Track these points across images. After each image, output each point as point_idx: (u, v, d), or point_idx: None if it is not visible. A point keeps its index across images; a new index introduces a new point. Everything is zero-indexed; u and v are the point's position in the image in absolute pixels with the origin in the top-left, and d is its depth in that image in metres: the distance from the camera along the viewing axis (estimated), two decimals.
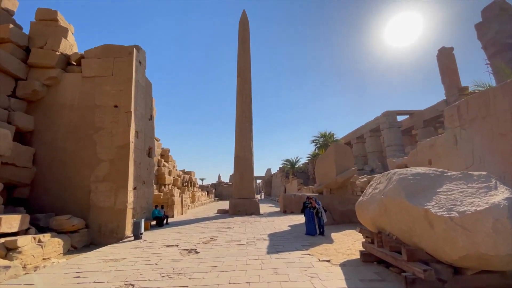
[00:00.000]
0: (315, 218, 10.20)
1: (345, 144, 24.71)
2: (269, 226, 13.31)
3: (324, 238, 9.52)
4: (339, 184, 13.41)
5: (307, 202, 10.74)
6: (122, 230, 11.92)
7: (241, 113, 22.60)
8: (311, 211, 10.34)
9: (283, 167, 50.45)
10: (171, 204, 20.18)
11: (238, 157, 21.90)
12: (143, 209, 14.61)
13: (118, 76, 13.53)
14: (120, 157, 12.62)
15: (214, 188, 60.49)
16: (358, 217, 7.52)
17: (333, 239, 9.41)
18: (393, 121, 40.33)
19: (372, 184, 7.31)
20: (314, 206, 10.31)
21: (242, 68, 23.53)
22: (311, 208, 10.39)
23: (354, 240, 9.05)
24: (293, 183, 35.05)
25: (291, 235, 10.31)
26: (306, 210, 10.58)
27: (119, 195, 12.25)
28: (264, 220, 16.30)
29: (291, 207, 20.73)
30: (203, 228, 13.41)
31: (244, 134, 22.20)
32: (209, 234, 11.35)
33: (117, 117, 13.05)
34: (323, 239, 9.36)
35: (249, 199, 20.78)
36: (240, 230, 12.05)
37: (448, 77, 34.92)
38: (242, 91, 23.07)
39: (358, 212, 7.37)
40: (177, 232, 12.27)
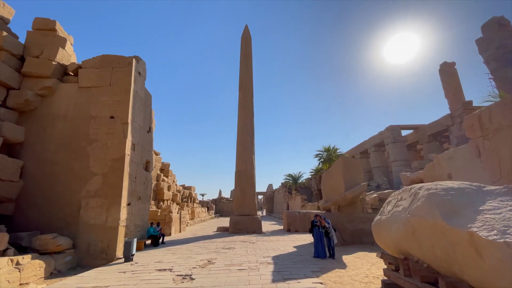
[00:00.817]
0: (324, 239, 9.20)
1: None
2: (273, 247, 12.24)
3: (335, 262, 8.49)
4: (348, 200, 12.46)
5: (316, 221, 9.73)
6: (113, 250, 10.93)
7: (242, 126, 22.00)
8: (320, 231, 9.35)
9: (285, 183, 49.25)
10: (169, 221, 19.11)
11: (239, 171, 21.04)
12: (138, 227, 13.62)
13: (115, 86, 13.04)
14: (114, 170, 11.85)
15: (214, 204, 58.97)
16: (376, 239, 6.60)
17: (345, 263, 8.39)
18: (398, 135, 39.65)
19: (391, 201, 6.45)
20: (323, 225, 9.35)
21: (244, 82, 23.22)
22: (320, 227, 9.43)
23: (369, 265, 8.04)
24: (296, 200, 33.83)
25: (298, 258, 9.28)
26: (314, 230, 9.56)
27: (111, 212, 11.35)
28: (267, 239, 15.19)
29: (295, 225, 19.58)
30: (201, 248, 12.35)
31: (246, 148, 21.48)
32: (207, 255, 10.32)
33: (112, 129, 12.41)
34: (334, 263, 8.33)
35: (250, 216, 19.68)
36: (241, 252, 11.01)
37: (451, 92, 34.55)
38: (243, 104, 22.60)
39: (376, 233, 6.46)
40: (173, 253, 11.23)
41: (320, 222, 9.52)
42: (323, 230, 9.29)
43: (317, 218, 9.83)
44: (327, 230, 9.26)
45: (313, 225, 9.79)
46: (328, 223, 9.46)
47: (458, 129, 32.08)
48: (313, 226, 9.75)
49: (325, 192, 14.81)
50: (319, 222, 9.57)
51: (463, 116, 32.07)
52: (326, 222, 9.43)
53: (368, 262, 8.38)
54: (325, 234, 9.23)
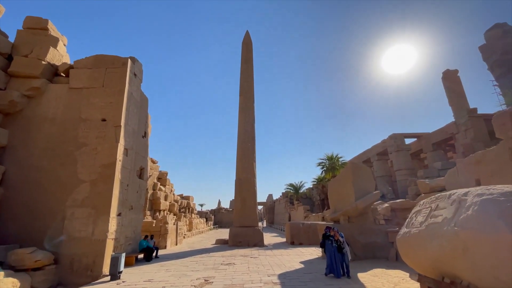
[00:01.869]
0: (338, 255, 8.12)
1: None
2: (277, 262, 11.09)
3: (351, 282, 7.39)
4: (359, 211, 11.41)
5: (328, 233, 8.61)
6: (99, 266, 9.79)
7: (243, 132, 21.12)
8: (334, 246, 8.22)
9: (286, 192, 47.93)
10: (164, 233, 17.91)
11: (239, 179, 19.99)
12: (129, 240, 12.48)
13: (109, 87, 12.22)
14: (104, 177, 10.85)
15: (213, 215, 57.36)
16: (404, 256, 5.56)
17: (363, 283, 7.29)
18: (401, 144, 38.80)
19: (421, 211, 5.46)
20: (337, 239, 8.27)
21: (245, 87, 22.52)
22: (333, 241, 8.29)
23: (392, 285, 6.94)
24: (299, 210, 32.54)
25: (307, 277, 8.16)
26: (326, 244, 8.43)
27: (98, 223, 10.28)
28: (270, 253, 13.99)
29: (299, 238, 18.37)
30: (197, 264, 11.19)
31: (247, 155, 20.51)
32: (204, 273, 9.19)
33: (104, 132, 11.50)
34: (350, 284, 7.24)
35: (252, 228, 18.49)
36: (242, 268, 9.87)
37: (455, 99, 33.97)
38: (244, 109, 21.81)
39: (403, 249, 5.43)
40: (166, 270, 10.08)
41: (334, 235, 8.44)
42: (336, 245, 8.18)
43: (329, 230, 8.73)
44: (341, 244, 8.18)
45: (324, 238, 8.66)
46: (342, 237, 8.41)
47: (463, 136, 31.23)
48: (324, 239, 8.62)
49: (332, 202, 13.75)
50: (333, 235, 8.46)
51: (468, 124, 31.31)
52: (340, 236, 8.38)
53: (389, 281, 7.29)
54: (338, 249, 8.17)
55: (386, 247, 10.95)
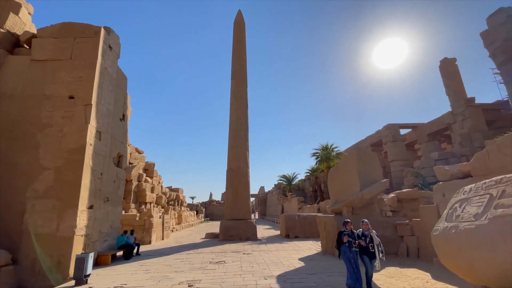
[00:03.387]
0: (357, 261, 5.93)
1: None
2: (274, 260, 9.84)
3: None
4: (365, 201, 10.22)
5: (347, 232, 6.17)
6: (65, 268, 8.30)
7: (235, 119, 19.60)
8: (354, 250, 5.94)
9: (279, 184, 46.94)
10: (149, 227, 16.43)
11: (231, 169, 18.58)
12: (105, 236, 10.97)
13: (78, 60, 10.45)
14: (71, 164, 9.23)
15: (204, 208, 56.04)
16: (446, 258, 4.31)
17: (379, 287, 6.06)
18: (397, 134, 38.16)
19: (470, 199, 4.22)
20: (357, 243, 5.98)
21: (237, 70, 20.87)
22: (352, 242, 5.96)
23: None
24: (292, 202, 31.51)
25: (311, 279, 6.90)
26: (343, 248, 6.08)
27: (64, 217, 8.72)
28: (265, 248, 12.76)
29: (294, 231, 17.23)
30: (183, 262, 9.81)
31: (239, 143, 19.06)
32: (189, 274, 7.82)
33: (71, 111, 9.81)
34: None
35: (244, 221, 17.21)
36: (234, 268, 8.55)
37: (452, 89, 33.28)
38: (236, 94, 20.23)
39: (449, 250, 4.18)
40: (145, 270, 8.66)
41: (351, 233, 6.13)
42: (357, 249, 5.94)
43: (347, 226, 6.24)
44: (369, 248, 5.89)
45: (340, 237, 6.18)
46: (364, 236, 6.07)
47: (460, 126, 30.63)
48: (340, 241, 6.15)
49: (333, 192, 12.54)
50: (351, 234, 6.10)
51: (466, 114, 30.62)
52: (362, 236, 6.09)
53: (410, 284, 6.10)
54: (363, 251, 5.95)
55: (395, 241, 9.85)
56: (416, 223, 9.44)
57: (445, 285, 6.12)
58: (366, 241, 5.96)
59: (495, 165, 6.67)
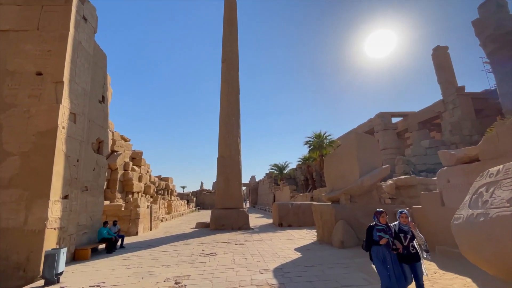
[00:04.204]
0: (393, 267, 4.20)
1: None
2: (268, 250, 9.24)
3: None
4: (365, 189, 9.67)
5: (381, 226, 4.39)
6: (35, 265, 7.40)
7: (226, 104, 18.61)
8: (391, 254, 4.25)
9: (270, 173, 46.59)
10: (135, 218, 15.56)
11: (222, 157, 17.75)
12: (84, 228, 10.05)
13: (46, 31, 9.17)
14: (40, 149, 8.17)
15: (195, 197, 55.32)
16: (472, 251, 3.71)
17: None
18: (388, 122, 38.13)
19: (499, 182, 3.59)
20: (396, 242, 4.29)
21: (228, 53, 19.69)
22: (391, 243, 4.27)
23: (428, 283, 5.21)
24: (284, 190, 31.14)
25: (312, 273, 6.30)
26: (374, 248, 4.33)
27: (33, 209, 7.74)
28: (258, 238, 12.17)
29: (288, 219, 16.77)
30: (171, 255, 9.07)
31: (230, 130, 18.17)
32: (176, 269, 7.09)
33: (39, 90, 8.64)
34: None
35: (236, 210, 16.57)
36: (226, 260, 7.88)
37: (444, 77, 33.14)
38: (227, 79, 19.14)
39: (475, 241, 3.57)
40: (128, 265, 7.87)
41: (387, 228, 4.35)
42: (394, 252, 4.24)
43: (380, 218, 4.42)
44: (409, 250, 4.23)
45: (371, 235, 4.37)
46: (405, 234, 4.36)
47: (450, 115, 30.69)
48: (371, 239, 4.34)
49: (329, 179, 11.97)
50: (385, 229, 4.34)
51: (456, 102, 30.63)
52: (406, 234, 4.35)
53: None
54: (403, 258, 4.24)
55: None
56: (416, 210, 8.99)
57: (454, 276, 5.66)
58: (405, 240, 4.26)
59: (506, 148, 6.14)
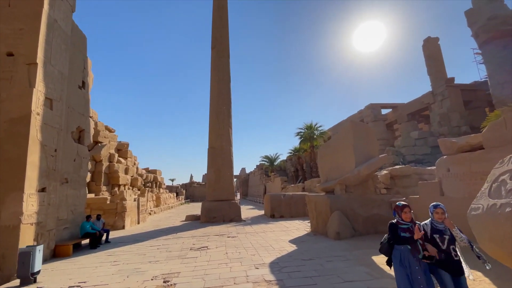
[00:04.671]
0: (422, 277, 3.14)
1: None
2: (262, 243, 8.92)
3: None
4: (362, 178, 9.44)
5: (406, 225, 3.43)
6: (11, 263, 6.77)
7: (217, 93, 17.94)
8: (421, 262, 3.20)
9: (261, 165, 46.43)
10: (121, 211, 14.92)
11: (213, 148, 17.21)
12: (65, 223, 9.40)
13: (18, 8, 8.26)
14: (12, 137, 7.42)
15: (185, 189, 54.61)
16: (489, 242, 3.41)
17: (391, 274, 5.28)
18: (378, 114, 38.42)
19: None
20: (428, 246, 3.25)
21: (218, 39, 18.87)
22: (423, 248, 3.22)
23: None
24: (275, 182, 31.00)
25: (310, 268, 6.01)
26: (397, 253, 3.38)
27: (6, 203, 7.06)
28: (251, 230, 11.87)
29: (280, 211, 16.56)
30: (159, 250, 8.61)
31: (222, 120, 17.58)
32: (165, 266, 6.65)
33: (10, 72, 7.80)
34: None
35: (227, 202, 16.19)
36: (218, 255, 7.50)
37: (434, 68, 33.36)
38: (218, 66, 18.40)
39: (497, 232, 3.27)
40: (113, 262, 7.36)
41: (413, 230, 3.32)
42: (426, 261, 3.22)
43: (403, 214, 3.50)
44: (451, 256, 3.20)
45: (397, 235, 3.44)
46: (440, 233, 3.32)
47: (439, 106, 31.07)
48: (397, 239, 3.42)
49: (323, 170, 11.71)
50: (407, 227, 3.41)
51: (445, 94, 30.97)
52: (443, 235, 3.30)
53: None
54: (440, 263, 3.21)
55: (390, 220, 9.25)
56: (413, 200, 8.85)
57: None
58: (443, 242, 3.19)
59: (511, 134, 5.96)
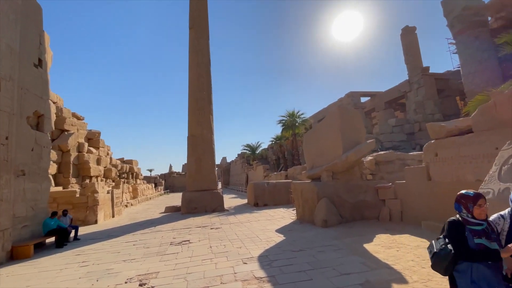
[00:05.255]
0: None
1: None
2: (248, 234, 8.47)
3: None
4: (350, 164, 9.18)
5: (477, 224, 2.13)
6: None
7: (196, 77, 16.85)
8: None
9: (243, 153, 45.94)
10: (93, 205, 13.78)
11: (193, 136, 16.30)
12: (24, 221, 8.29)
13: None
14: None
15: (163, 180, 52.96)
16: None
17: (386, 263, 5.00)
18: (358, 102, 39.02)
19: None
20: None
21: (196, 18, 17.57)
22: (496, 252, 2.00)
23: (424, 261, 4.79)
24: (258, 170, 30.71)
25: (302, 260, 5.62)
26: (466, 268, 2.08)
27: None
28: (235, 220, 11.39)
29: (264, 199, 16.24)
30: (135, 246, 7.86)
31: (202, 106, 16.62)
32: (142, 264, 5.97)
33: None
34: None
35: (210, 192, 15.54)
36: (201, 249, 6.92)
37: (411, 57, 34.11)
38: (196, 48, 17.21)
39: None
40: (81, 263, 6.53)
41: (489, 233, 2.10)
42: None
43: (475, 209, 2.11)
44: None
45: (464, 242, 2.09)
46: None
47: (415, 94, 32.08)
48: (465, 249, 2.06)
49: (309, 157, 11.39)
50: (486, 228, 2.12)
51: (421, 82, 31.95)
52: None
53: (417, 256, 5.15)
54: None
55: (376, 206, 9.18)
56: (399, 185, 8.78)
57: None
58: None
59: (504, 118, 5.83)
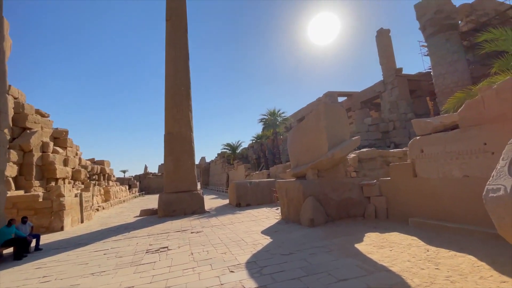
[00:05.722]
0: None
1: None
2: (232, 237, 7.96)
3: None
4: (335, 162, 9.00)
5: None
6: None
7: (173, 72, 15.95)
8: None
9: (223, 153, 45.11)
10: (59, 210, 12.50)
11: (170, 134, 15.42)
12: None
13: None
14: None
15: (138, 181, 50.56)
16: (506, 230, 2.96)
17: (378, 262, 4.76)
18: (335, 101, 39.85)
19: None
20: None
21: (174, 9, 16.65)
22: None
23: (419, 259, 4.61)
24: (239, 169, 30.15)
25: (294, 265, 5.24)
26: None
27: None
28: (217, 223, 10.81)
29: (246, 199, 15.80)
30: (107, 255, 7.05)
31: (180, 102, 15.77)
32: (113, 278, 5.25)
33: None
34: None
35: (189, 193, 14.76)
36: (182, 257, 6.31)
37: (385, 59, 35.37)
38: (174, 41, 16.31)
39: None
40: (42, 278, 5.65)
41: None
42: None
43: None
44: None
45: None
46: None
47: (389, 94, 33.38)
48: None
49: (294, 155, 11.11)
50: None
51: (395, 83, 33.31)
52: None
53: (411, 255, 4.98)
54: None
55: (361, 203, 9.10)
56: (385, 182, 8.75)
57: (451, 253, 4.70)
58: None
59: (492, 113, 5.87)
